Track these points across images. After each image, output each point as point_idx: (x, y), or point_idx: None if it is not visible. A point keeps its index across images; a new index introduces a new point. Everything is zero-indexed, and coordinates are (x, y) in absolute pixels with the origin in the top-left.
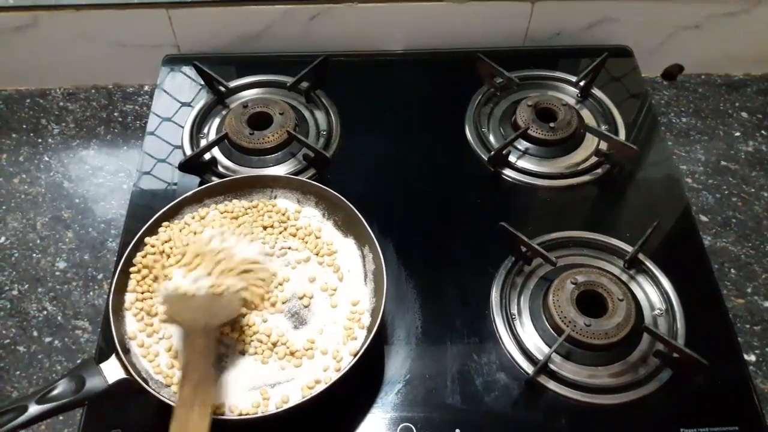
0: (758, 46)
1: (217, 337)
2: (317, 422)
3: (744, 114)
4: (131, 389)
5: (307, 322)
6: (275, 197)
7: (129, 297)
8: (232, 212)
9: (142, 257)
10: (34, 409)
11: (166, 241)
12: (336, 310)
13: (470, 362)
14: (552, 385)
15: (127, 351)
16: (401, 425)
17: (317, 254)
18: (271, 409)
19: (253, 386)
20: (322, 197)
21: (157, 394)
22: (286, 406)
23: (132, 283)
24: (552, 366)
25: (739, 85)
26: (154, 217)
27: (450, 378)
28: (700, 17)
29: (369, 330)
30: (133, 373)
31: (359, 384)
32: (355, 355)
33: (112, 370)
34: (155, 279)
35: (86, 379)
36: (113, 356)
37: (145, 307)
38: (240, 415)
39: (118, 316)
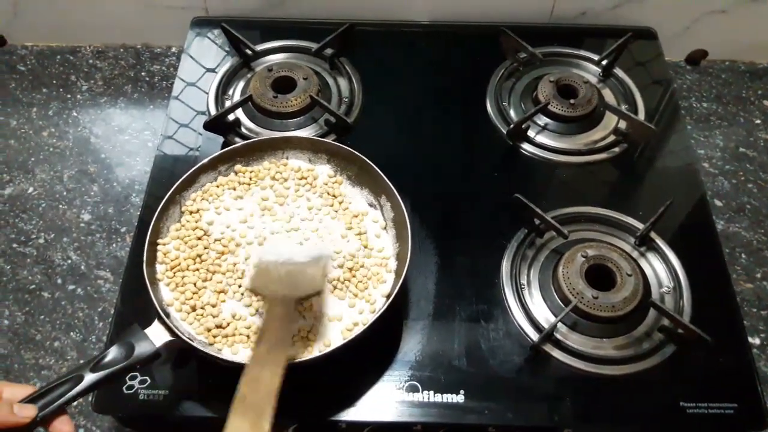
0: None
1: (297, 309)
2: (333, 379)
3: (766, 102)
4: (176, 353)
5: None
6: (287, 158)
7: (159, 268)
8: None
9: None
10: (89, 377)
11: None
12: (363, 257)
13: (478, 328)
14: (557, 353)
15: (167, 316)
16: (408, 383)
17: (336, 209)
18: (315, 353)
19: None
20: (333, 154)
21: (204, 350)
22: (328, 350)
23: (160, 255)
24: (558, 335)
25: (763, 73)
26: (174, 187)
27: (457, 341)
28: (727, 2)
29: (397, 274)
30: (179, 334)
31: (372, 341)
32: (387, 297)
33: (157, 334)
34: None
35: (134, 344)
36: (156, 321)
37: (176, 277)
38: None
39: (153, 286)
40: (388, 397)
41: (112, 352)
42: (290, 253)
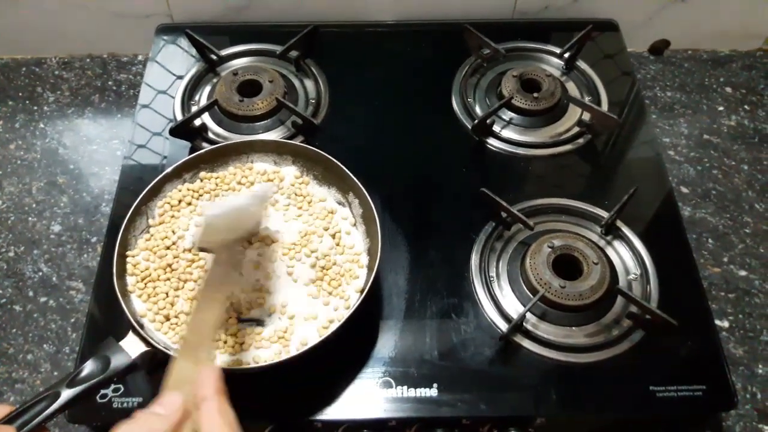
0: (745, 23)
1: (239, 250)
2: (309, 378)
3: (728, 89)
4: (152, 362)
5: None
6: (252, 162)
7: (130, 279)
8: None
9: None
10: (66, 393)
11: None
12: (334, 255)
13: (449, 321)
14: (527, 343)
15: (141, 326)
16: (381, 379)
17: (305, 209)
18: (293, 352)
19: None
20: (298, 155)
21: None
22: (305, 348)
23: (130, 267)
24: (527, 326)
25: (725, 61)
26: (139, 198)
27: (429, 335)
28: None
29: (369, 268)
30: (154, 344)
31: (347, 339)
32: (361, 292)
33: (132, 346)
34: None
35: (110, 357)
36: (130, 333)
37: (148, 288)
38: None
39: (125, 298)
40: (363, 394)
41: (89, 367)
42: (232, 202)
